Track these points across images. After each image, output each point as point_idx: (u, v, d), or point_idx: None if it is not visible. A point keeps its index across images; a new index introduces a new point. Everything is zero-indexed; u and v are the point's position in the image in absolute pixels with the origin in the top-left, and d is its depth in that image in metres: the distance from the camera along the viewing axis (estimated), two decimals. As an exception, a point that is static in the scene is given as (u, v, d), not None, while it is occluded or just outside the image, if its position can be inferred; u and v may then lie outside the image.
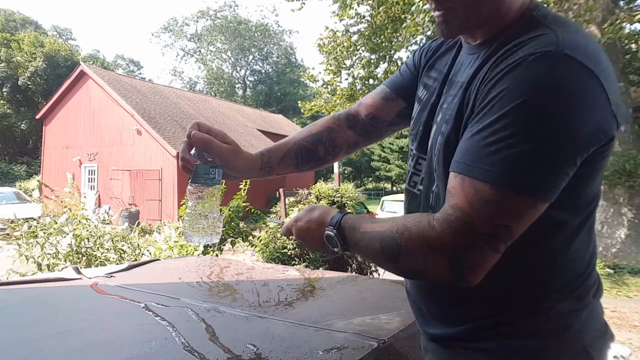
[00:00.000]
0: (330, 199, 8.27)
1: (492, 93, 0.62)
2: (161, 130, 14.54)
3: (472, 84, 0.69)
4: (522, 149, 0.57)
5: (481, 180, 0.59)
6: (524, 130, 0.57)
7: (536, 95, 0.58)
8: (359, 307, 1.23)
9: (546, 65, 0.58)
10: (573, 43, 0.60)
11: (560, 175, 0.59)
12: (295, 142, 0.97)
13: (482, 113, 0.62)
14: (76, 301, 1.26)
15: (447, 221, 0.61)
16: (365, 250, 0.75)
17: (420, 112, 0.87)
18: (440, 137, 0.74)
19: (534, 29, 0.65)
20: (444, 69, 0.85)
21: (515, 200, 0.59)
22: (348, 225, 0.77)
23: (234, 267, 1.75)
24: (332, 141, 0.99)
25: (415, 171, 0.85)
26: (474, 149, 0.62)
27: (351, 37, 9.85)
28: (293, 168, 0.98)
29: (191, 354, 0.83)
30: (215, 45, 45.06)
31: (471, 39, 0.77)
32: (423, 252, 0.64)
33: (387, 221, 0.72)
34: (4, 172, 24.68)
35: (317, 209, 0.84)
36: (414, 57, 0.97)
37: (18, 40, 29.00)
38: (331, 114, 1.05)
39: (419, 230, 0.65)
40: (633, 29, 6.90)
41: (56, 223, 3.97)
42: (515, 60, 0.61)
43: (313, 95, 26.74)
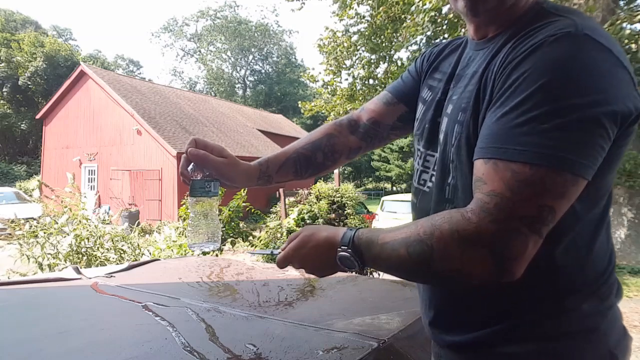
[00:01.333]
0: (330, 199, 8.26)
1: (514, 75, 0.60)
2: (161, 130, 14.54)
3: (487, 70, 0.68)
4: (555, 125, 0.56)
5: (518, 161, 0.57)
6: (554, 108, 0.56)
7: (562, 72, 0.57)
8: (359, 307, 1.23)
9: (568, 44, 0.58)
10: (591, 26, 0.61)
11: (596, 149, 0.58)
12: (294, 150, 0.98)
13: (505, 96, 0.61)
14: (76, 301, 1.26)
15: (485, 210, 0.58)
16: (389, 263, 0.68)
17: (425, 111, 0.86)
18: (457, 126, 0.72)
19: (546, 17, 0.65)
20: (448, 70, 0.85)
21: (556, 177, 0.56)
22: (364, 240, 0.70)
23: (234, 267, 1.75)
24: (332, 147, 0.99)
25: (424, 169, 0.84)
26: (503, 131, 0.59)
27: (351, 37, 9.85)
28: (292, 176, 0.98)
29: (191, 354, 0.83)
30: (215, 45, 45.06)
31: (481, 33, 0.76)
32: (460, 249, 0.59)
33: (408, 226, 0.66)
34: (4, 172, 24.68)
35: (320, 231, 0.77)
36: (416, 63, 0.97)
37: (18, 40, 29.00)
38: (333, 120, 1.05)
39: (451, 226, 0.60)
40: (633, 29, 6.90)
41: (56, 223, 3.97)
42: (535, 42, 0.60)
43: (313, 95, 26.75)
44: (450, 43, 0.92)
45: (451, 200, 0.74)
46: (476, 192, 0.61)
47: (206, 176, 0.85)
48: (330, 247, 0.73)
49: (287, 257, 0.79)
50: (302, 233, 0.79)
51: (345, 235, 0.72)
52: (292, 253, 0.78)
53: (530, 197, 0.56)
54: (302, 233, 0.78)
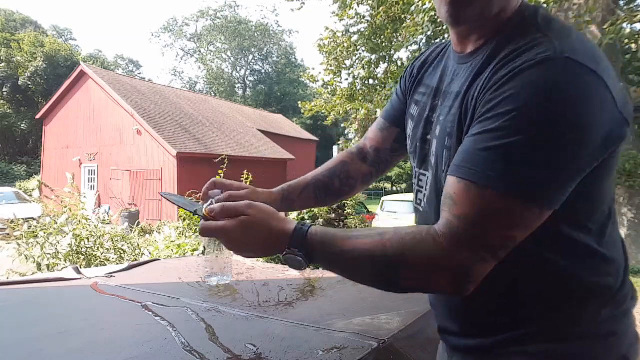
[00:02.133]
0: (330, 199, 8.22)
1: (494, 100, 0.60)
2: (161, 130, 14.55)
3: (469, 92, 0.68)
4: (530, 156, 0.56)
5: (489, 188, 0.58)
6: (530, 136, 0.56)
7: (540, 100, 0.56)
8: (359, 307, 1.23)
9: (548, 69, 0.57)
10: (571, 46, 0.59)
11: (568, 182, 0.58)
12: (312, 177, 1.02)
13: (484, 117, 0.61)
14: (76, 301, 1.27)
15: (456, 236, 0.59)
16: (347, 271, 0.69)
17: (414, 128, 0.86)
18: (446, 152, 0.72)
19: (527, 33, 0.64)
20: (432, 83, 0.84)
21: (526, 211, 0.58)
22: (317, 240, 0.67)
23: (234, 267, 1.75)
24: (347, 173, 1.02)
25: (419, 188, 0.84)
26: (478, 152, 0.60)
27: (351, 37, 9.86)
28: (313, 202, 1.01)
29: (191, 354, 0.83)
30: (215, 45, 45.09)
31: (463, 45, 0.75)
32: (427, 272, 0.62)
33: (370, 235, 0.66)
34: (4, 172, 24.69)
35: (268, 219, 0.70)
36: (400, 83, 0.98)
37: (18, 40, 29.01)
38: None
39: (423, 251, 0.61)
40: (633, 28, 6.90)
41: (56, 223, 3.97)
42: (515, 66, 0.60)
43: (313, 95, 26.76)
44: (432, 52, 0.91)
45: None
46: (446, 211, 0.62)
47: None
48: (276, 241, 0.69)
49: (217, 231, 0.70)
50: (245, 212, 0.69)
51: (297, 234, 0.68)
52: (225, 230, 0.69)
53: (499, 228, 0.59)
54: (246, 213, 0.69)
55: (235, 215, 0.70)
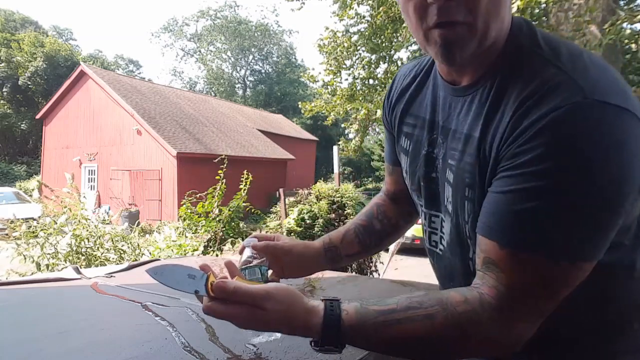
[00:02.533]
0: (330, 199, 8.27)
1: (523, 155, 0.56)
2: (161, 130, 14.55)
3: (485, 140, 0.62)
4: (573, 216, 0.54)
5: (539, 255, 0.55)
6: (571, 197, 0.53)
7: (578, 155, 0.53)
8: (359, 307, 1.23)
9: (580, 119, 0.53)
10: (594, 82, 0.55)
11: (613, 230, 0.56)
12: (351, 223, 1.00)
13: (513, 173, 0.57)
14: (76, 301, 1.26)
15: (511, 310, 0.57)
16: (394, 354, 0.66)
17: (412, 164, 0.82)
18: (468, 204, 0.67)
19: (536, 66, 0.59)
20: (421, 113, 0.79)
21: (576, 271, 0.56)
22: (354, 330, 0.60)
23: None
24: (384, 214, 0.99)
25: (432, 230, 0.80)
26: (515, 215, 0.56)
27: (351, 37, 9.86)
28: (358, 246, 0.97)
29: (191, 354, 0.83)
30: (215, 45, 45.10)
31: (457, 75, 0.69)
32: (486, 349, 0.62)
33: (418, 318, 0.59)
34: (4, 172, 24.69)
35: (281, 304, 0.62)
36: (383, 120, 0.95)
37: (18, 40, 29.02)
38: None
39: (484, 333, 0.59)
40: (633, 28, 6.90)
41: (56, 223, 3.97)
42: (540, 116, 0.55)
43: (313, 95, 26.78)
44: (414, 75, 0.83)
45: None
46: (493, 278, 0.59)
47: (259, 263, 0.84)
48: (300, 333, 0.63)
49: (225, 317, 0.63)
50: (262, 305, 0.61)
51: (328, 328, 0.60)
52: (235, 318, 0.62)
53: (552, 294, 0.57)
54: (263, 307, 0.61)
55: (248, 303, 0.61)
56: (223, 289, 0.61)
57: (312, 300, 0.65)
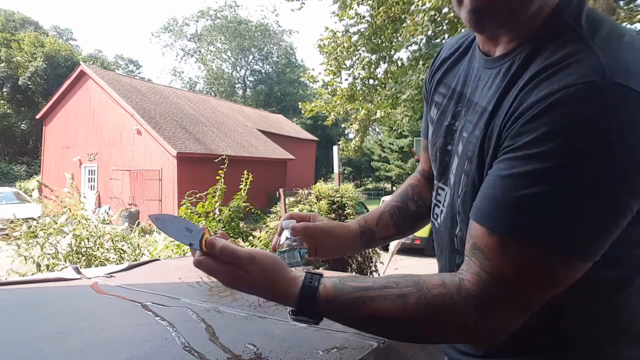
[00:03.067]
0: (330, 199, 8.26)
1: (526, 135, 0.52)
2: (161, 130, 14.56)
3: (495, 115, 0.59)
4: (573, 207, 0.49)
5: (527, 244, 0.51)
6: (573, 186, 0.49)
7: (583, 142, 0.48)
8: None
9: (594, 103, 0.48)
10: (620, 64, 0.50)
11: (615, 231, 0.51)
12: (385, 204, 0.98)
13: (513, 154, 0.53)
14: (76, 301, 1.26)
15: (492, 298, 0.54)
16: (368, 332, 0.67)
17: (434, 134, 0.79)
18: (464, 177, 0.65)
19: (565, 39, 0.54)
20: (452, 84, 0.76)
21: (569, 266, 0.52)
22: (329, 303, 0.62)
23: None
24: (419, 194, 0.96)
25: (436, 202, 0.78)
26: (510, 201, 0.52)
27: (351, 37, 9.86)
28: (393, 229, 0.95)
29: (191, 354, 0.83)
30: (215, 45, 45.13)
31: (492, 46, 0.66)
32: (461, 335, 0.60)
33: (391, 298, 0.59)
34: (4, 172, 24.70)
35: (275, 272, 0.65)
36: (424, 91, 0.91)
37: (18, 40, 29.03)
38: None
39: (456, 318, 0.56)
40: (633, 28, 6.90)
41: (56, 223, 3.97)
42: (550, 93, 0.50)
43: (313, 95, 26.80)
44: (456, 45, 0.81)
45: (460, 252, 0.68)
46: (476, 265, 0.56)
47: (295, 246, 0.82)
48: (278, 300, 0.67)
49: (211, 273, 0.66)
50: (246, 267, 0.65)
51: (305, 298, 0.63)
52: (219, 275, 0.66)
53: (539, 286, 0.53)
54: (246, 269, 0.65)
55: (233, 264, 0.65)
56: (213, 245, 0.65)
57: (295, 272, 0.68)
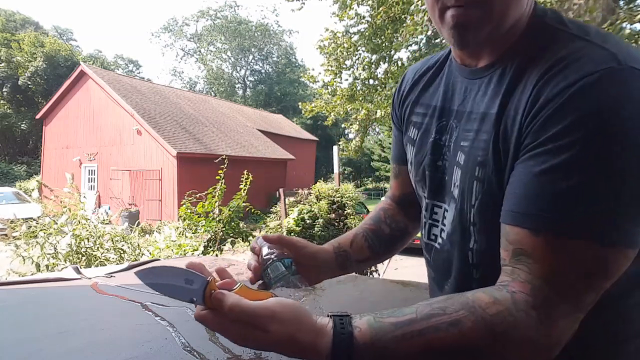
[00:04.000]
0: (330, 199, 8.26)
1: (552, 127, 0.51)
2: (161, 130, 14.55)
3: (506, 114, 0.58)
4: (616, 194, 0.48)
5: (578, 238, 0.49)
6: (611, 171, 0.48)
7: (615, 125, 0.48)
8: (359, 307, 1.23)
9: (616, 86, 0.49)
10: (629, 52, 0.52)
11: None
12: (358, 227, 0.95)
13: (541, 148, 0.52)
14: (76, 301, 1.26)
15: (551, 305, 0.50)
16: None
17: (418, 154, 0.78)
18: (477, 184, 0.62)
19: (559, 39, 0.56)
20: (433, 102, 0.76)
21: (621, 257, 0.50)
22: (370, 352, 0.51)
23: (234, 267, 1.75)
24: (391, 217, 0.95)
25: (432, 222, 0.76)
26: (551, 196, 0.50)
27: (351, 37, 9.86)
28: (368, 251, 0.90)
29: (191, 354, 0.83)
30: (215, 45, 45.12)
31: (473, 58, 0.67)
32: (526, 354, 0.52)
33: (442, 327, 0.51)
34: (4, 172, 24.70)
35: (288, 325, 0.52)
36: (392, 117, 0.91)
37: (18, 40, 29.02)
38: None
39: (522, 335, 0.51)
40: (633, 28, 6.90)
41: (56, 223, 3.98)
42: (570, 83, 0.51)
43: (313, 95, 26.79)
44: (427, 67, 0.82)
45: (477, 266, 0.66)
46: (525, 271, 0.52)
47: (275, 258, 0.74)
48: (309, 352, 0.53)
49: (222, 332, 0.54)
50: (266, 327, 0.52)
51: (338, 352, 0.51)
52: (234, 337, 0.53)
53: (594, 284, 0.51)
54: (267, 329, 0.52)
55: (249, 322, 0.52)
56: (220, 302, 0.52)
57: (320, 318, 0.56)
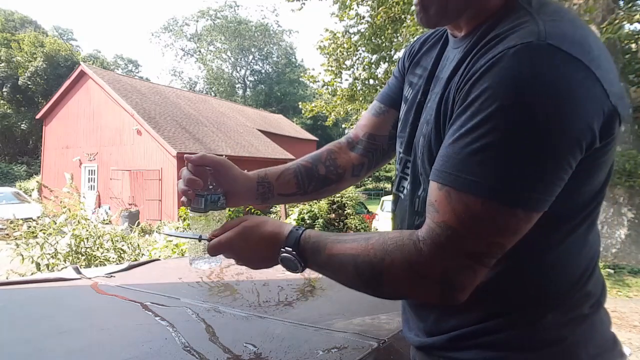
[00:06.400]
0: (330, 199, 8.26)
1: (472, 93, 0.56)
2: (161, 130, 14.54)
3: (451, 80, 0.65)
4: (511, 156, 0.53)
5: (470, 193, 0.55)
6: (510, 136, 0.53)
7: (519, 94, 0.52)
8: (359, 307, 1.23)
9: (528, 59, 0.53)
10: (557, 31, 0.55)
11: (554, 181, 0.55)
12: (294, 162, 0.93)
13: (463, 116, 0.57)
14: (76, 301, 1.26)
15: (437, 244, 0.57)
16: (335, 275, 0.69)
17: (407, 112, 0.82)
18: (422, 139, 0.70)
19: (514, 16, 0.60)
20: (428, 65, 0.80)
21: (509, 215, 0.55)
22: (310, 244, 0.69)
23: (234, 267, 1.75)
24: (334, 161, 0.94)
25: (403, 175, 0.80)
26: (458, 156, 0.56)
27: (351, 37, 9.87)
28: (295, 187, 0.90)
29: (191, 354, 0.83)
30: (215, 45, 45.11)
31: (456, 30, 0.72)
32: (410, 279, 0.60)
33: (357, 240, 0.66)
34: (4, 172, 24.68)
35: (264, 224, 0.73)
36: (399, 63, 0.93)
37: (18, 40, 29.01)
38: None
39: (404, 256, 0.60)
40: (632, 28, 6.90)
41: (55, 223, 3.98)
42: (494, 55, 0.55)
43: (313, 95, 26.76)
44: (432, 34, 0.86)
45: (420, 214, 0.71)
46: (428, 218, 0.60)
47: (211, 190, 0.80)
48: (273, 243, 0.71)
49: (222, 246, 0.73)
50: (242, 222, 0.74)
51: (291, 236, 0.70)
52: (228, 242, 0.73)
53: (482, 234, 0.56)
54: (243, 223, 0.74)
55: (236, 226, 0.73)
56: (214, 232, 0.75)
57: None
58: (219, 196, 0.80)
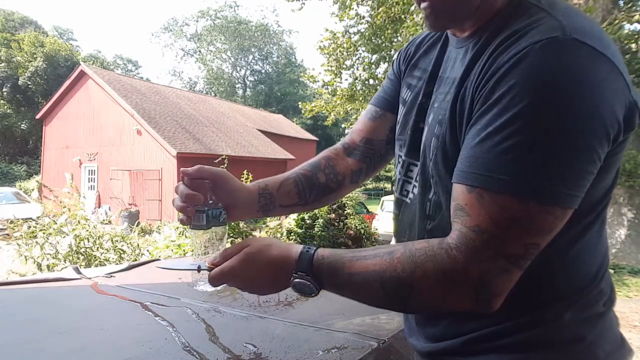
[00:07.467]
0: (330, 199, 8.20)
1: (498, 90, 0.55)
2: (161, 130, 14.54)
3: (467, 79, 0.63)
4: (545, 153, 0.52)
5: (505, 193, 0.53)
6: (543, 132, 0.52)
7: (549, 89, 0.52)
8: (359, 307, 1.23)
9: (556, 53, 0.52)
10: (579, 26, 0.55)
11: (586, 177, 0.54)
12: (292, 172, 0.91)
13: (489, 114, 0.55)
14: (76, 301, 1.26)
15: (471, 249, 0.55)
16: (356, 295, 0.64)
17: (406, 114, 0.81)
18: (434, 140, 0.68)
19: (527, 13, 0.60)
20: (428, 67, 0.79)
21: (547, 212, 0.53)
22: (325, 265, 0.64)
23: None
24: (333, 168, 0.92)
25: (406, 179, 0.79)
26: (487, 156, 0.54)
27: (351, 37, 9.87)
28: (296, 197, 0.87)
29: (191, 354, 0.83)
30: (215, 45, 45.09)
31: (459, 31, 0.71)
32: (444, 289, 0.58)
33: (380, 255, 0.62)
34: (4, 172, 24.69)
35: (269, 248, 0.67)
36: (393, 66, 0.91)
37: (18, 40, 29.00)
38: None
39: (436, 266, 0.57)
40: (632, 29, 6.90)
41: (55, 223, 3.97)
42: (519, 50, 0.54)
43: (313, 95, 26.75)
44: (428, 35, 0.85)
45: (432, 217, 0.70)
46: (458, 223, 0.57)
47: (211, 204, 0.75)
48: (281, 268, 0.65)
49: (224, 276, 0.66)
50: (244, 249, 0.67)
51: (302, 258, 0.64)
52: (231, 272, 0.66)
53: (519, 235, 0.54)
54: (245, 249, 0.67)
55: (237, 253, 0.67)
56: (215, 258, 0.70)
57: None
58: (220, 210, 0.76)
